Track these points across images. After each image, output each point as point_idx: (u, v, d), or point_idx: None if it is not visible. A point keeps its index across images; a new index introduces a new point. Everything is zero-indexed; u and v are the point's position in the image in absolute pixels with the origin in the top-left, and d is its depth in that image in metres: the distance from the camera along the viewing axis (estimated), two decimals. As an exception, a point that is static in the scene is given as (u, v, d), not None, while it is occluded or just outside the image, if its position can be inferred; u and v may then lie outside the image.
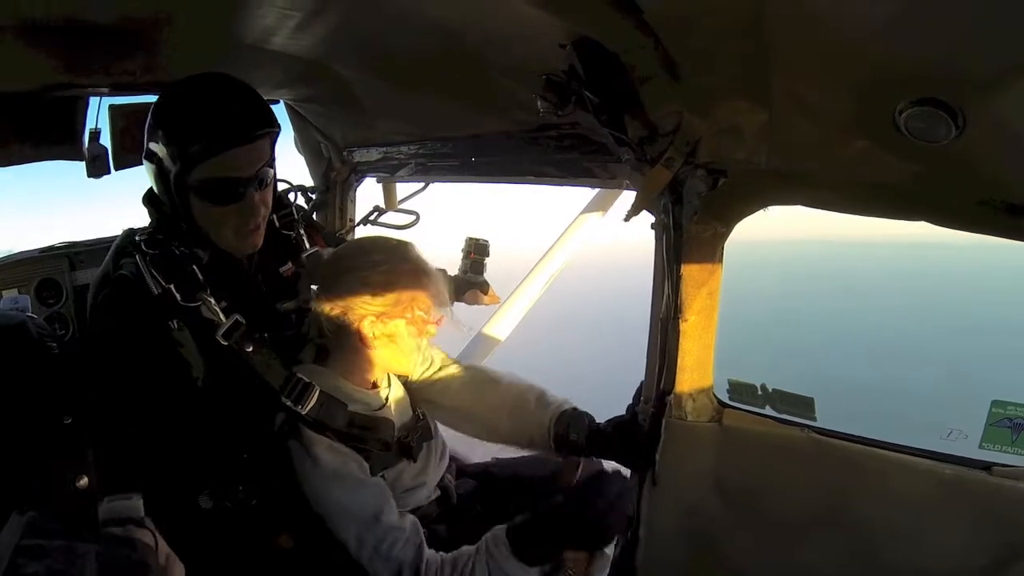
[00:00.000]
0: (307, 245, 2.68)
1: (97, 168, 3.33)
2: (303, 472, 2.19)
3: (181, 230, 2.29)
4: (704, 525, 2.27)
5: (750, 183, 2.00)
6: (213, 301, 2.21)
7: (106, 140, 3.29)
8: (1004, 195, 1.62)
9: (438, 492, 2.53)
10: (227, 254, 2.39)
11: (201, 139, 2.13)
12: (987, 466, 1.85)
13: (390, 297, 2.26)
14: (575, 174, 2.66)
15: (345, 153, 3.73)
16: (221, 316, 2.21)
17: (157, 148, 2.21)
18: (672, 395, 2.23)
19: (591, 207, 4.32)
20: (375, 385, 2.47)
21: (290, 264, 2.63)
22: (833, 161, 1.80)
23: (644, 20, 1.62)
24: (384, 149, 3.51)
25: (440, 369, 2.71)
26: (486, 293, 3.29)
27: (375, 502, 2.17)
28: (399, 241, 2.42)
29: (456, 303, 3.09)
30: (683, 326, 2.17)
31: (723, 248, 2.11)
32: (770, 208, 2.03)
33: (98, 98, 3.18)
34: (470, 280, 3.28)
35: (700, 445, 2.23)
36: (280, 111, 3.67)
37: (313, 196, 3.08)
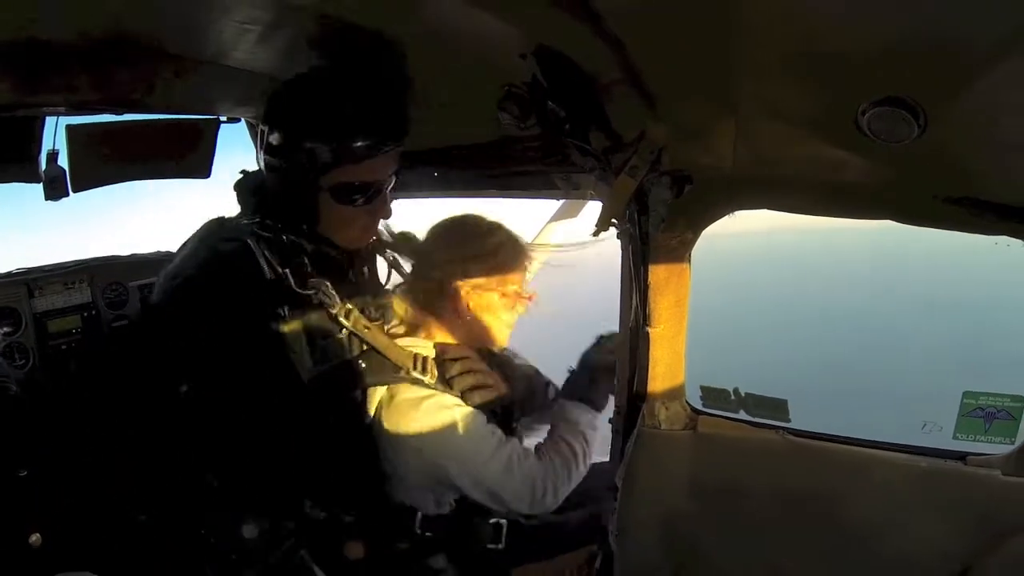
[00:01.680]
0: None
1: (55, 191, 3.26)
2: (438, 426, 2.27)
3: (290, 222, 2.29)
4: (683, 533, 2.26)
5: (716, 189, 2.00)
6: (329, 285, 2.22)
7: (64, 161, 3.22)
8: (969, 192, 1.64)
9: None
10: (328, 244, 2.38)
11: (355, 141, 2.15)
12: (962, 456, 1.88)
13: (487, 269, 2.35)
14: (539, 186, 2.65)
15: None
16: (337, 300, 2.22)
17: (294, 143, 2.18)
18: (645, 404, 2.22)
19: (559, 215, 4.30)
20: None
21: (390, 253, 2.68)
22: (798, 164, 1.80)
23: (605, 28, 1.61)
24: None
25: None
26: None
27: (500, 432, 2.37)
28: (492, 219, 2.48)
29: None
30: (653, 334, 2.16)
31: (691, 255, 2.10)
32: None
33: (55, 118, 3.09)
34: None
35: (675, 453, 2.22)
36: (241, 130, 3.61)
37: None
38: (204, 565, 2.21)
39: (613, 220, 2.12)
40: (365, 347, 2.30)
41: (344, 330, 2.25)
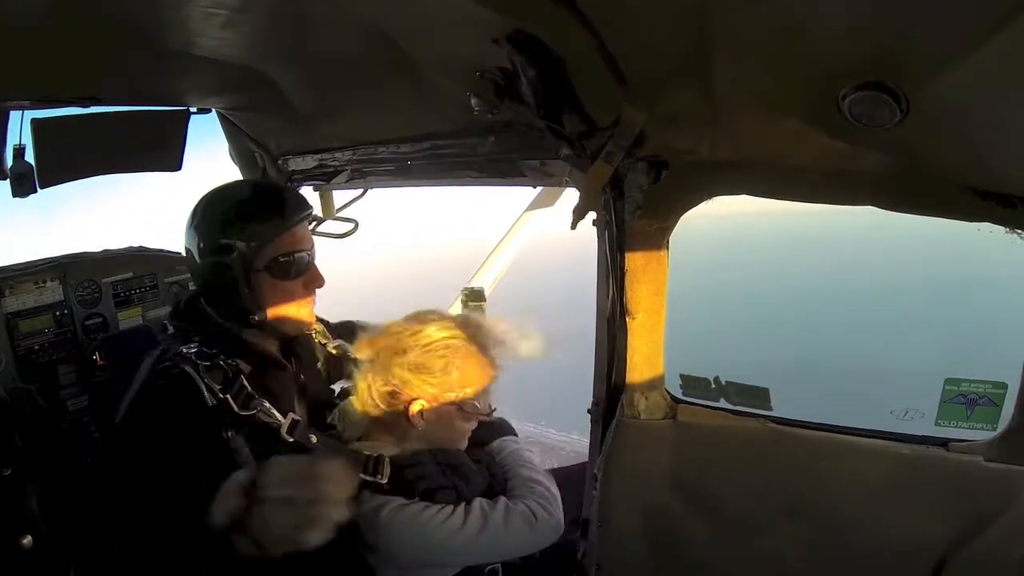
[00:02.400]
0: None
1: (22, 188, 3.21)
2: (397, 531, 2.22)
3: (229, 336, 2.41)
4: (664, 523, 2.25)
5: (693, 174, 1.97)
6: (268, 404, 2.25)
7: (31, 157, 3.16)
8: (950, 177, 1.62)
9: None
10: (267, 358, 2.47)
11: (268, 223, 2.33)
12: (944, 443, 1.88)
13: (442, 382, 2.27)
14: (514, 174, 2.62)
15: (280, 162, 3.61)
16: (279, 417, 2.25)
17: (222, 242, 2.34)
18: (624, 394, 2.20)
19: (536, 204, 4.27)
20: None
21: (339, 342, 2.79)
22: (777, 149, 1.78)
23: (579, 10, 1.58)
24: (319, 156, 3.40)
25: None
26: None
27: (471, 516, 2.27)
28: (457, 319, 2.42)
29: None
30: (630, 324, 2.13)
31: (668, 242, 2.08)
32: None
33: (20, 112, 3.03)
34: None
35: (655, 443, 2.20)
36: (212, 120, 3.57)
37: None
38: None
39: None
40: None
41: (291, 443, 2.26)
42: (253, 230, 2.31)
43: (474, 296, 3.25)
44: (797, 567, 2.13)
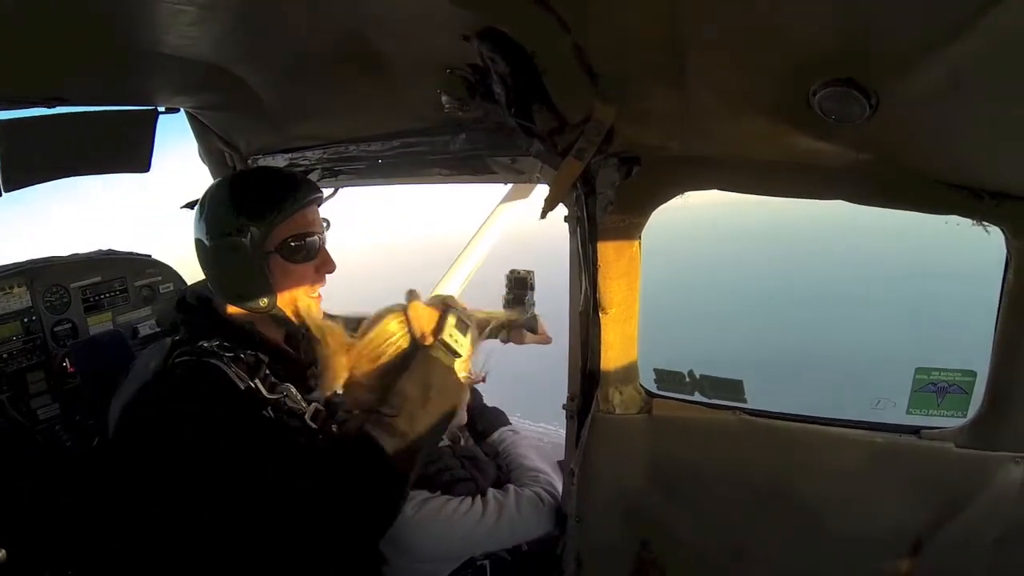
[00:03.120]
0: None
1: (-12, 192, 3.15)
2: (424, 526, 2.35)
3: (244, 329, 2.41)
4: (643, 517, 2.26)
5: (665, 170, 1.98)
6: (294, 389, 2.32)
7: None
8: (919, 171, 1.64)
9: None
10: (279, 348, 2.48)
11: (279, 204, 2.32)
12: (916, 430, 1.91)
13: None
14: (485, 171, 2.61)
15: (250, 161, 3.58)
16: (303, 404, 2.31)
17: (232, 225, 2.31)
18: (598, 390, 2.21)
19: (509, 197, 4.26)
20: None
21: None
22: (749, 144, 1.79)
23: (550, 6, 1.57)
24: (290, 156, 3.37)
25: None
26: (535, 331, 2.87)
27: (489, 506, 2.47)
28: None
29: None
30: (604, 319, 2.14)
31: (640, 237, 2.08)
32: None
33: (-18, 113, 2.97)
34: (512, 319, 2.84)
35: (631, 437, 2.21)
36: (181, 120, 3.52)
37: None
38: None
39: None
40: None
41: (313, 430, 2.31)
42: (264, 210, 2.29)
43: (518, 283, 3.13)
44: (775, 557, 2.15)
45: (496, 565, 2.51)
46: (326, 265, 2.47)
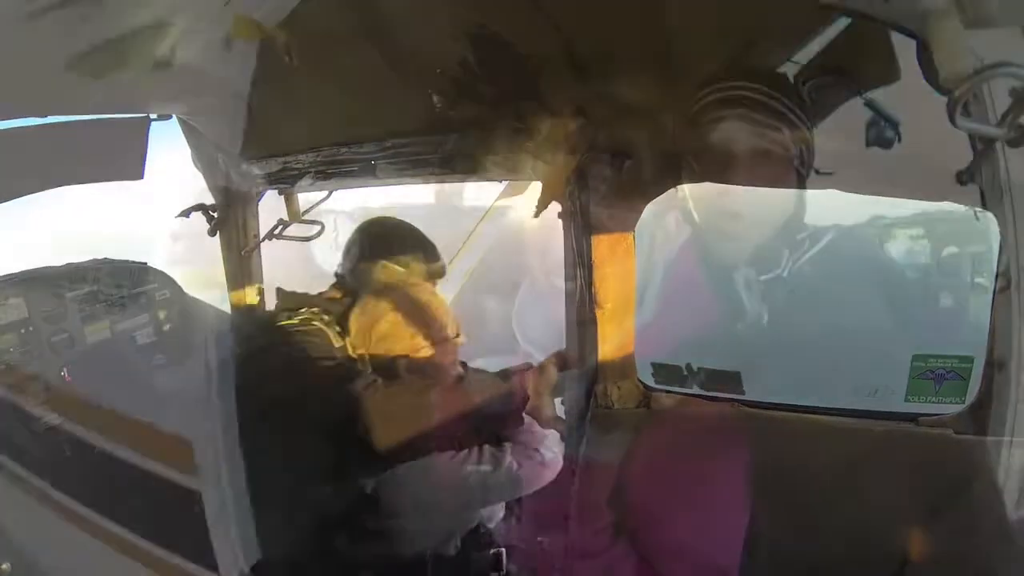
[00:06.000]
0: None
1: (-30, 205, 3.14)
2: (435, 480, 2.50)
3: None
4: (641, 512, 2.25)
5: (656, 163, 1.98)
6: None
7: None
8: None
9: None
10: None
11: None
12: (914, 418, 1.91)
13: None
14: (478, 170, 2.61)
15: (244, 165, 3.57)
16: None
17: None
18: (596, 385, 2.21)
19: (505, 194, 4.26)
20: None
21: None
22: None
23: (540, 5, 1.58)
24: (283, 159, 3.35)
25: None
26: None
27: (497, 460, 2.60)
28: None
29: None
30: (600, 314, 2.15)
31: (634, 231, 2.09)
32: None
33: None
34: None
35: (630, 432, 2.20)
36: (173, 126, 3.52)
37: (215, 214, 2.97)
38: None
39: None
40: None
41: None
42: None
43: None
44: (775, 546, 2.15)
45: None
46: None
